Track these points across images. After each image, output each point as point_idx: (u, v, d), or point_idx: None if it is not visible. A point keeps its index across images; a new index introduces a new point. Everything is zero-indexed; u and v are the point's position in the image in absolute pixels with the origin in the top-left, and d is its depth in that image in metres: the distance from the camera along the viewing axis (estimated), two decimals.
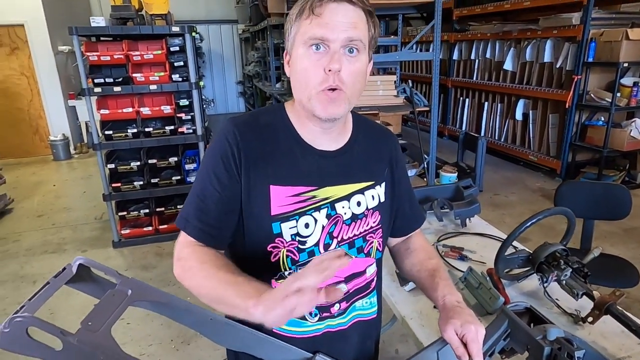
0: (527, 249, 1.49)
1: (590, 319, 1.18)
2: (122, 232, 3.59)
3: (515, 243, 1.66)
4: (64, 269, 0.79)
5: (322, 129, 0.86)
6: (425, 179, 4.18)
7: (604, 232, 3.51)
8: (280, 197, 0.83)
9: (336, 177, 0.88)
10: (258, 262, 0.84)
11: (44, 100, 6.69)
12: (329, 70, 0.75)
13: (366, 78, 0.84)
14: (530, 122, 5.24)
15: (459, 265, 1.58)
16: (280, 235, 0.83)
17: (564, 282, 1.29)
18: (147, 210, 3.61)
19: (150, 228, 3.64)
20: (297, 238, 0.84)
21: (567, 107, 4.56)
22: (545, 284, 1.31)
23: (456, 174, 3.45)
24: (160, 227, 3.64)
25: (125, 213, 3.59)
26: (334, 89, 0.77)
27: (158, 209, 3.62)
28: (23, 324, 0.65)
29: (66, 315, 2.59)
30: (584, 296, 1.25)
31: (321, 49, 0.76)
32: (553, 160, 4.88)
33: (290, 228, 0.84)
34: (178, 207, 3.67)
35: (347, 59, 0.77)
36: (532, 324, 1.00)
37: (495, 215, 3.98)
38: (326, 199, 0.86)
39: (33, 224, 4.16)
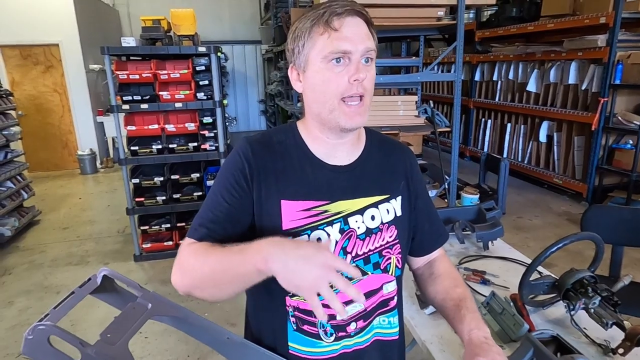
0: (552, 275, 1.45)
1: (621, 350, 1.13)
2: (144, 246, 3.65)
3: (540, 268, 1.61)
4: (89, 279, 0.82)
5: (338, 141, 0.87)
6: (446, 200, 4.12)
7: (634, 259, 3.38)
8: (292, 212, 0.83)
9: (348, 191, 0.88)
10: (271, 280, 0.84)
11: (74, 116, 6.95)
12: (355, 80, 0.78)
13: None
14: (555, 144, 5.14)
15: (481, 290, 1.54)
16: None
17: (592, 310, 1.24)
18: (168, 225, 3.67)
19: (170, 243, 3.68)
20: None
21: (593, 129, 4.47)
22: (572, 312, 1.26)
23: (478, 196, 3.40)
24: (181, 242, 3.67)
25: (147, 227, 3.65)
26: (360, 98, 0.80)
27: (179, 224, 3.67)
28: (45, 332, 0.67)
29: (88, 327, 2.63)
30: (614, 326, 1.20)
31: (342, 61, 0.79)
32: (579, 183, 4.75)
33: None
34: None
35: (364, 68, 0.80)
36: (558, 354, 0.96)
37: (518, 238, 3.88)
38: (338, 213, 0.86)
39: (58, 236, 4.27)
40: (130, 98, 3.30)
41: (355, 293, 0.68)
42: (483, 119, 6.53)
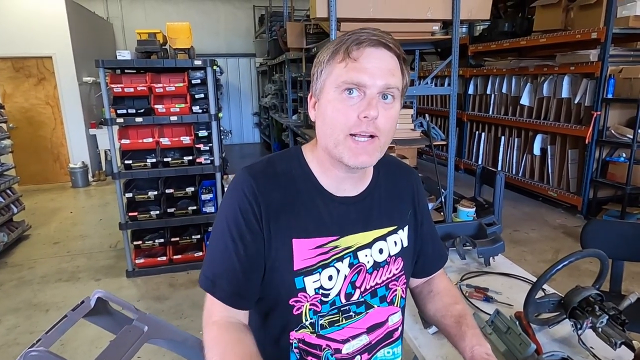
0: (557, 292, 1.42)
1: None
2: (137, 261, 3.58)
3: (544, 285, 1.59)
4: (82, 302, 0.78)
5: (347, 174, 0.82)
6: (442, 213, 4.10)
7: (632, 273, 3.37)
8: (303, 250, 0.79)
9: (357, 224, 0.84)
10: (279, 316, 0.81)
11: (66, 129, 6.88)
12: (364, 117, 0.71)
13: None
14: (549, 157, 5.17)
15: (484, 307, 1.51)
16: (303, 290, 0.79)
17: (600, 329, 1.21)
18: (162, 240, 3.60)
19: (164, 258, 3.62)
20: (321, 291, 0.80)
21: (586, 142, 4.50)
22: (579, 331, 1.24)
23: (474, 209, 3.39)
24: (175, 257, 3.62)
25: (140, 242, 3.59)
26: (370, 136, 0.73)
27: (173, 239, 3.61)
28: (38, 359, 0.63)
29: (78, 346, 2.55)
30: (623, 346, 1.17)
31: (355, 93, 0.73)
32: (573, 196, 4.77)
33: (313, 282, 0.80)
34: (193, 237, 3.65)
35: (382, 106, 0.73)
36: None
37: (515, 252, 3.87)
38: (348, 248, 0.83)
39: (49, 251, 4.18)
40: (124, 111, 3.26)
41: None
42: (477, 132, 6.58)
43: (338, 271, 0.81)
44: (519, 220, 4.73)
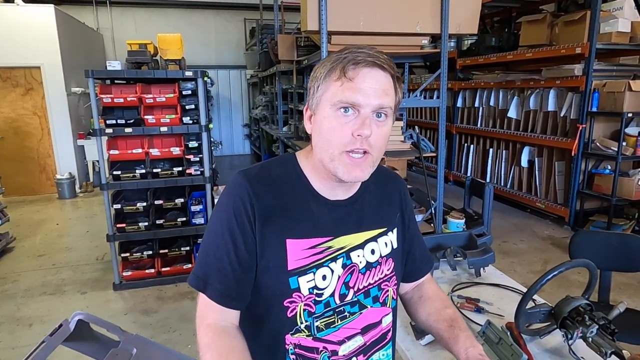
0: (547, 303, 1.43)
1: None
2: (124, 274, 3.51)
3: (534, 295, 1.60)
4: (61, 325, 0.72)
5: (339, 184, 0.85)
6: (432, 225, 4.12)
7: (619, 283, 3.41)
8: (297, 251, 0.81)
9: (350, 225, 0.87)
10: (273, 319, 0.81)
11: (53, 140, 6.79)
12: (358, 135, 0.75)
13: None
14: (536, 169, 5.24)
15: (475, 318, 1.51)
16: (297, 289, 0.81)
17: (590, 339, 1.22)
18: (150, 252, 3.55)
19: (152, 270, 3.56)
20: (315, 291, 0.82)
21: (573, 155, 4.58)
22: (570, 342, 1.24)
23: (464, 220, 3.41)
24: (163, 269, 3.56)
25: (127, 254, 3.53)
26: (364, 152, 0.76)
27: (161, 251, 3.56)
28: None
29: None
30: (613, 355, 1.18)
31: (350, 112, 0.76)
32: (561, 207, 4.83)
33: (307, 282, 0.81)
34: (182, 249, 3.61)
35: (375, 123, 0.76)
36: None
37: (505, 263, 3.89)
38: (341, 248, 0.85)
39: (33, 264, 4.08)
40: (114, 122, 3.23)
41: None
42: (466, 144, 6.65)
43: (332, 271, 0.83)
44: (507, 232, 4.77)
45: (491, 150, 6.08)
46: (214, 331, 0.79)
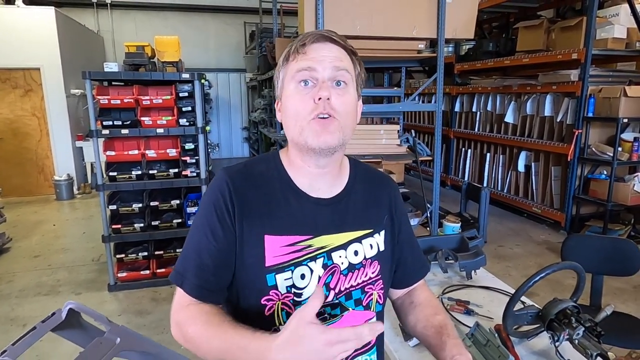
0: (536, 305, 1.44)
1: None
2: (119, 275, 3.51)
3: (523, 298, 1.60)
4: (53, 313, 0.76)
5: (317, 167, 0.84)
6: (428, 229, 4.13)
7: (614, 288, 3.41)
8: (275, 247, 0.81)
9: (332, 225, 0.86)
10: (251, 317, 0.80)
11: (52, 141, 6.80)
12: (319, 99, 0.77)
13: (357, 116, 0.85)
14: (533, 174, 5.26)
15: (465, 320, 1.51)
16: (275, 287, 0.80)
17: (577, 341, 1.23)
18: (145, 253, 3.55)
19: (147, 272, 3.56)
20: (293, 290, 0.81)
21: (569, 160, 4.60)
22: (557, 343, 1.25)
23: (459, 224, 3.42)
24: (158, 270, 3.56)
25: (123, 255, 3.53)
26: (327, 116, 0.78)
27: (157, 252, 3.56)
28: None
29: None
30: (599, 357, 1.19)
31: (309, 84, 0.78)
32: (557, 212, 4.84)
33: (285, 279, 0.80)
34: (177, 250, 3.61)
35: (335, 91, 0.79)
36: None
37: (500, 267, 3.89)
38: (322, 248, 0.84)
39: (29, 264, 4.08)
40: (110, 123, 3.24)
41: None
42: (463, 149, 6.67)
43: (312, 271, 0.82)
44: (504, 236, 4.78)
45: (488, 154, 6.09)
46: (194, 305, 0.79)
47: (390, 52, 3.65)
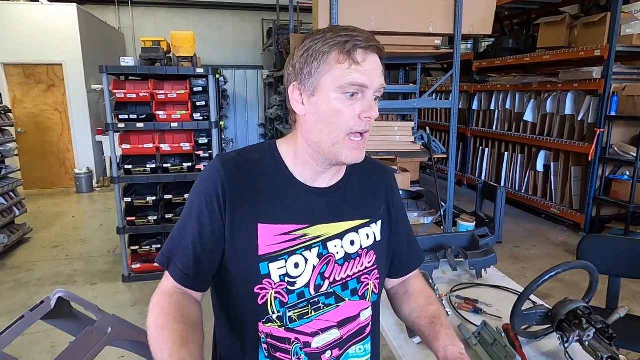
0: (546, 305, 1.40)
1: None
2: (133, 266, 3.57)
3: (534, 298, 1.57)
4: (42, 302, 0.76)
5: (326, 170, 0.84)
6: (442, 227, 4.07)
7: (633, 292, 3.30)
8: (269, 236, 0.80)
9: (328, 214, 0.85)
10: (244, 305, 0.80)
11: (73, 135, 6.97)
12: (366, 117, 0.76)
13: None
14: (552, 174, 5.13)
15: (472, 319, 1.48)
16: (268, 276, 0.79)
17: (587, 343, 1.19)
18: (159, 246, 3.61)
19: None
20: (286, 279, 0.80)
21: (590, 160, 4.47)
22: (566, 345, 1.21)
23: (474, 224, 3.35)
24: None
25: (137, 247, 3.59)
26: (362, 134, 0.78)
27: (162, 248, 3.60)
28: None
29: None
30: None
31: (354, 95, 0.77)
32: (576, 214, 4.72)
33: (278, 268, 0.80)
34: None
35: (375, 105, 0.80)
36: None
37: (515, 268, 3.81)
38: (317, 237, 0.83)
39: (47, 254, 4.19)
40: (126, 117, 3.30)
41: None
42: (480, 148, 6.56)
43: (306, 260, 0.82)
44: (520, 237, 4.68)
45: (506, 154, 5.97)
46: (164, 292, 0.81)
47: (406, 48, 3.60)
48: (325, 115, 0.77)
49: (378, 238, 0.91)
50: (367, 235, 0.89)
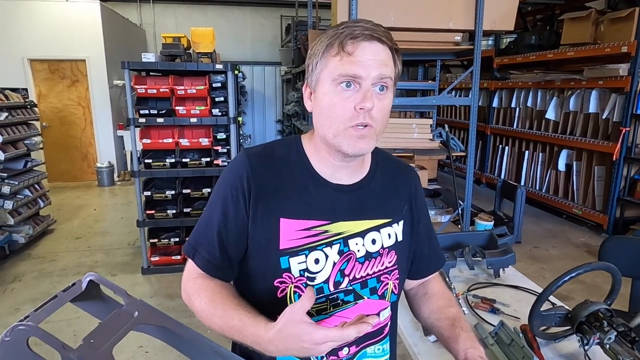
0: (565, 306, 1.37)
1: None
2: (152, 259, 3.64)
3: (554, 300, 1.54)
4: (74, 284, 0.79)
5: (343, 163, 0.84)
6: (459, 226, 4.02)
7: None
8: (291, 231, 0.81)
9: (350, 212, 0.85)
10: (264, 298, 0.81)
11: (95, 129, 7.13)
12: (360, 109, 0.74)
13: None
14: (574, 173, 5.02)
15: (489, 319, 1.46)
16: (288, 270, 0.80)
17: (608, 346, 1.16)
18: (177, 239, 3.67)
19: (179, 257, 3.67)
20: (306, 274, 0.81)
21: (614, 159, 4.35)
22: (586, 347, 1.19)
23: (492, 223, 3.31)
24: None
25: (156, 240, 3.66)
26: (365, 125, 0.76)
27: (188, 239, 3.66)
28: (25, 333, 0.64)
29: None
30: None
31: (351, 86, 0.75)
32: (599, 214, 4.60)
33: (299, 263, 0.80)
34: None
35: (376, 97, 0.76)
36: None
37: (534, 269, 3.75)
38: (339, 234, 0.83)
39: (70, 245, 4.31)
40: (147, 112, 3.35)
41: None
42: (500, 146, 6.45)
43: (326, 256, 0.82)
44: (540, 237, 4.59)
45: (527, 152, 5.86)
46: (203, 278, 0.84)
47: (425, 44, 3.55)
48: (324, 108, 0.78)
49: (399, 238, 0.90)
50: (389, 235, 0.88)
